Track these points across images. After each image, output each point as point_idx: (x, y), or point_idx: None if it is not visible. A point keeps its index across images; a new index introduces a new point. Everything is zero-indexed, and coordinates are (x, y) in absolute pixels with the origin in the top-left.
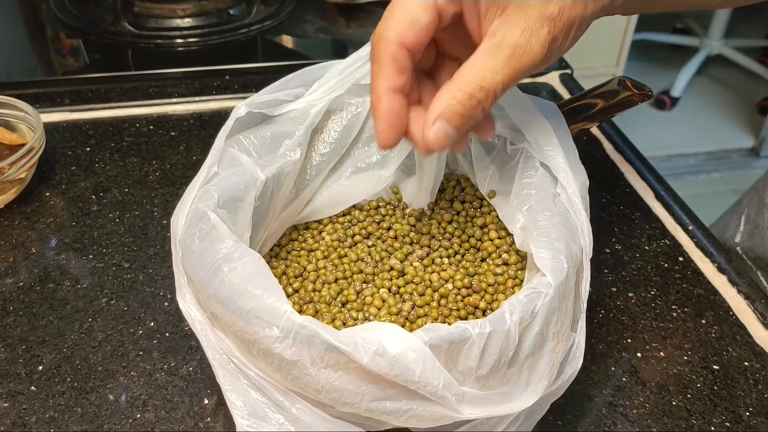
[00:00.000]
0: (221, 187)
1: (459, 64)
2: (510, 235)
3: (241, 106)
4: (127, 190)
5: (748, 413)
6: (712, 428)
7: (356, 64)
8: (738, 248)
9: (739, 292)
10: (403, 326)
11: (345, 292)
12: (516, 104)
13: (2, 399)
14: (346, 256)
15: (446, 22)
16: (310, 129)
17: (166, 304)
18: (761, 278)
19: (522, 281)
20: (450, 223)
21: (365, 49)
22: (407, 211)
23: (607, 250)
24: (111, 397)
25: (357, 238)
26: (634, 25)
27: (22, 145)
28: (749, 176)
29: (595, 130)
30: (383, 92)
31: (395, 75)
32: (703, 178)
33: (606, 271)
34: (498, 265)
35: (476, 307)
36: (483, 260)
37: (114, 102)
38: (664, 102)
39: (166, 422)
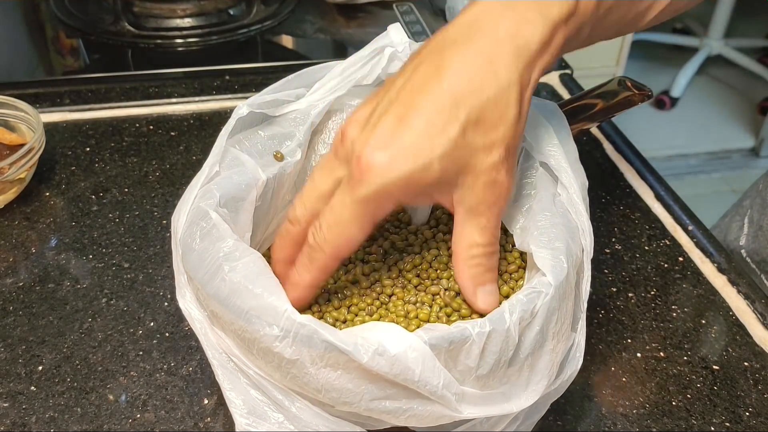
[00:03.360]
0: (223, 187)
1: None
2: (510, 236)
3: (242, 106)
4: (127, 190)
5: (748, 413)
6: (712, 428)
7: (357, 64)
8: (742, 251)
9: (739, 292)
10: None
11: (344, 292)
12: None
13: (2, 399)
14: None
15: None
16: (311, 130)
17: (165, 304)
18: (766, 282)
19: (522, 281)
20: (447, 224)
21: (366, 50)
22: (410, 228)
23: (607, 250)
24: (111, 397)
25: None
26: None
27: (22, 145)
28: (749, 176)
29: (595, 130)
30: (306, 286)
31: (322, 278)
32: (703, 178)
33: (606, 271)
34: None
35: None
36: None
37: (114, 102)
38: (664, 102)
39: (166, 422)
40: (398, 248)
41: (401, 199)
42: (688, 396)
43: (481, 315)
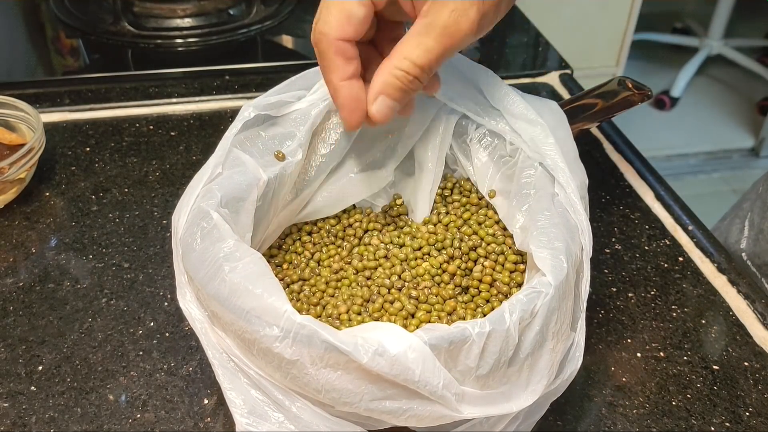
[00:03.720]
0: (224, 187)
1: (399, 29)
2: (510, 236)
3: (248, 108)
4: (127, 190)
5: (748, 413)
6: (712, 428)
7: None
8: (743, 254)
9: (739, 292)
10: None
11: (344, 291)
12: (512, 104)
13: (2, 399)
14: (346, 256)
15: (382, 6)
16: (312, 130)
17: (166, 304)
18: (767, 285)
19: (521, 280)
20: (447, 226)
21: None
22: (411, 226)
23: (607, 250)
24: (111, 397)
25: (355, 241)
26: (634, 25)
27: (22, 145)
28: (749, 176)
29: (595, 130)
30: (338, 84)
31: (344, 65)
32: (703, 178)
33: (606, 271)
34: (498, 264)
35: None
36: (484, 258)
37: (114, 102)
38: (664, 102)
39: (166, 422)
40: (396, 245)
41: None
42: (688, 396)
43: (371, 125)
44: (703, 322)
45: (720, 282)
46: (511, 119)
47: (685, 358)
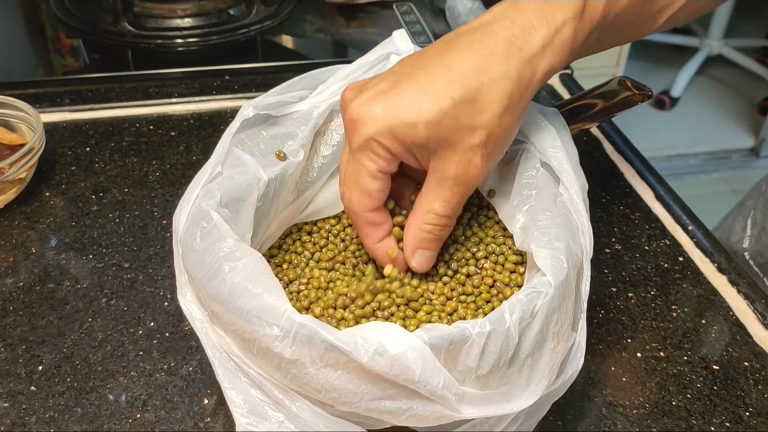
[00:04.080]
0: (224, 187)
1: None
2: (510, 236)
3: (247, 107)
4: (127, 190)
5: (748, 413)
6: (712, 428)
7: (361, 69)
8: (745, 253)
9: (739, 292)
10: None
11: (342, 291)
12: None
13: (2, 399)
14: (344, 257)
15: (395, 171)
16: (314, 131)
17: (166, 304)
18: None
19: (522, 280)
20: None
21: (371, 55)
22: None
23: (607, 250)
24: (111, 397)
25: (354, 242)
26: None
27: (22, 145)
28: (749, 176)
29: (595, 130)
30: (372, 247)
31: (375, 231)
32: (703, 178)
33: (606, 271)
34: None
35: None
36: (485, 258)
37: (114, 102)
38: (664, 102)
39: (166, 422)
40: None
41: (391, 149)
42: (688, 396)
43: (414, 273)
44: (703, 322)
45: (720, 282)
46: None
47: (685, 358)
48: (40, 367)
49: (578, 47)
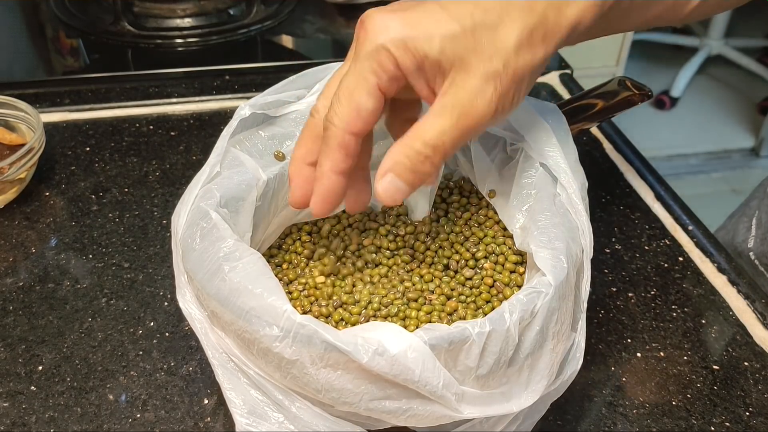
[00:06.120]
0: (223, 187)
1: (413, 110)
2: (510, 236)
3: (244, 107)
4: (127, 190)
5: (748, 413)
6: (712, 428)
7: None
8: (751, 254)
9: (739, 292)
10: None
11: (342, 292)
12: None
13: (2, 399)
14: (344, 257)
15: (393, 95)
16: None
17: (165, 304)
18: None
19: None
20: (446, 225)
21: None
22: (411, 226)
23: (607, 250)
24: (111, 397)
25: (354, 241)
26: None
27: (22, 145)
28: (749, 176)
29: (595, 130)
30: (326, 172)
31: (341, 160)
32: (703, 178)
33: (606, 271)
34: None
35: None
36: (485, 259)
37: (114, 102)
38: (664, 102)
39: (166, 422)
40: (396, 245)
41: (401, 62)
42: (688, 396)
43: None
44: (703, 322)
45: (720, 282)
46: (513, 120)
47: (685, 358)
48: (40, 367)
49: (608, 8)
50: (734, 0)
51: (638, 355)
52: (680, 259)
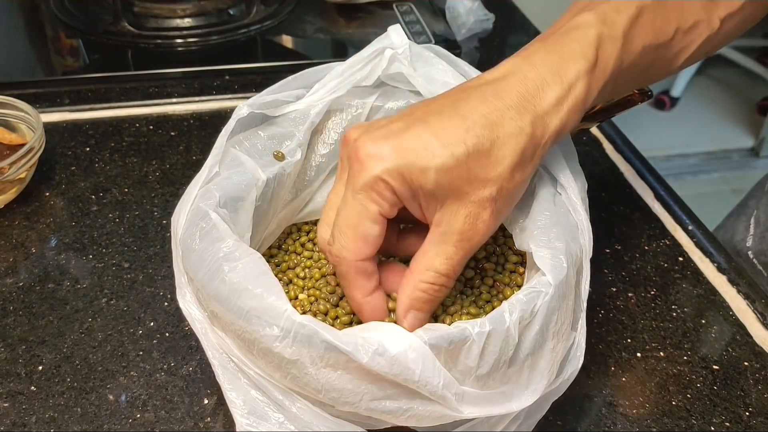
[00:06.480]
0: (222, 187)
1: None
2: (510, 236)
3: (242, 107)
4: (127, 190)
5: (748, 413)
6: (712, 428)
7: (357, 65)
8: (749, 252)
9: (739, 292)
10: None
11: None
12: None
13: (2, 399)
14: None
15: (394, 216)
16: (311, 130)
17: (166, 304)
18: None
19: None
20: None
21: (366, 51)
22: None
23: (607, 250)
24: (111, 397)
25: None
26: None
27: (22, 145)
28: (749, 176)
29: (595, 130)
30: (361, 300)
31: (366, 283)
32: (703, 178)
33: (606, 271)
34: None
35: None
36: (485, 259)
37: (114, 102)
38: (664, 102)
39: (166, 422)
40: None
41: (398, 192)
42: (688, 396)
43: None
44: (703, 322)
45: (720, 282)
46: None
47: (685, 358)
48: (40, 367)
49: (592, 101)
50: (726, 38)
51: (638, 355)
52: (680, 259)
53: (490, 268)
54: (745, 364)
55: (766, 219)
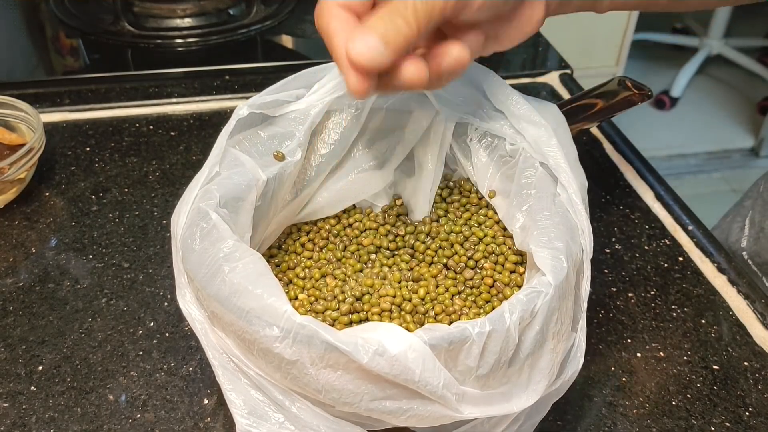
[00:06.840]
0: (222, 187)
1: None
2: (510, 236)
3: (242, 107)
4: (127, 190)
5: (748, 413)
6: (712, 428)
7: None
8: (744, 253)
9: (739, 292)
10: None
11: (342, 290)
12: (515, 105)
13: (2, 399)
14: (344, 257)
15: None
16: (311, 130)
17: (165, 304)
18: (767, 285)
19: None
20: (446, 225)
21: None
22: (411, 226)
23: (607, 250)
24: (111, 397)
25: (354, 242)
26: (634, 25)
27: (22, 145)
28: (749, 176)
29: (595, 130)
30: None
31: (348, 28)
32: (703, 178)
33: (606, 271)
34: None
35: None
36: (485, 259)
37: (114, 102)
38: (664, 102)
39: (166, 422)
40: (396, 245)
41: None
42: (688, 396)
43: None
44: (703, 322)
45: (720, 282)
46: (514, 120)
47: (685, 358)
48: (40, 367)
49: None
50: None
51: (638, 355)
52: (680, 259)
53: (490, 268)
54: (745, 364)
55: (761, 220)
